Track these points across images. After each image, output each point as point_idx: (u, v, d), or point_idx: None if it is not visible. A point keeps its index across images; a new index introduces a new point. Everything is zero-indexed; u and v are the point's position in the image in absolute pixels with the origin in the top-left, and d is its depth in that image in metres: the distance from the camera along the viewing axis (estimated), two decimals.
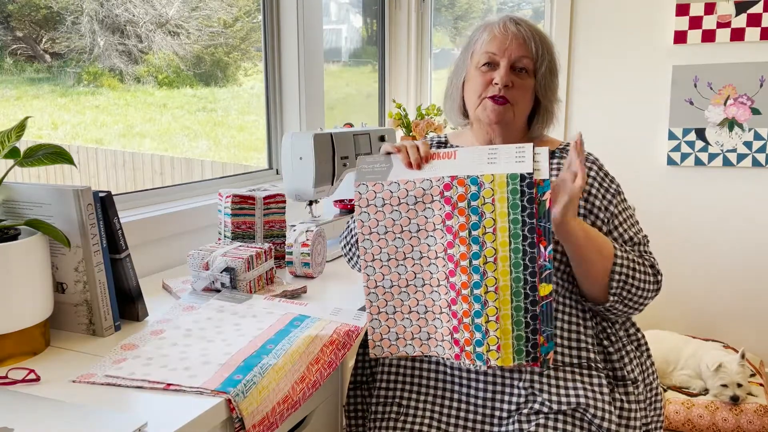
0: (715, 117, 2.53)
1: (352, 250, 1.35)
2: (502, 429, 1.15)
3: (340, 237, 1.40)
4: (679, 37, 2.53)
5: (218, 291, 1.31)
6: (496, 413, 1.17)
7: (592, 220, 1.18)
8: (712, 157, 2.56)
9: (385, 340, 1.11)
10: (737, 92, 2.49)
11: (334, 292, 1.43)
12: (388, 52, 3.06)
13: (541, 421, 1.11)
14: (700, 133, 2.56)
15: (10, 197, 1.08)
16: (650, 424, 1.24)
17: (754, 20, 2.44)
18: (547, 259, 1.03)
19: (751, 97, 2.48)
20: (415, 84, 3.10)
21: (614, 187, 1.23)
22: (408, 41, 3.05)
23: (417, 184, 1.08)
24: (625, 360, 1.19)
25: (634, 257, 1.14)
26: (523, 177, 1.02)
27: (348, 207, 1.96)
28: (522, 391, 1.15)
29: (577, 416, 1.12)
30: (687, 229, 2.66)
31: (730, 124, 2.52)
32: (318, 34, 2.22)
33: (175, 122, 2.13)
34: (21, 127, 1.03)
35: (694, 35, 2.52)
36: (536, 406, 1.13)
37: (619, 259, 1.11)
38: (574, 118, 2.76)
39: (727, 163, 2.54)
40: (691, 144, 2.58)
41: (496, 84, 1.19)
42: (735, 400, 2.14)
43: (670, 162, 2.62)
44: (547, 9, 2.79)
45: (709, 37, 2.50)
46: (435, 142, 1.37)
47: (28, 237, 0.99)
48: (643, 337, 1.28)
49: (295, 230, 1.52)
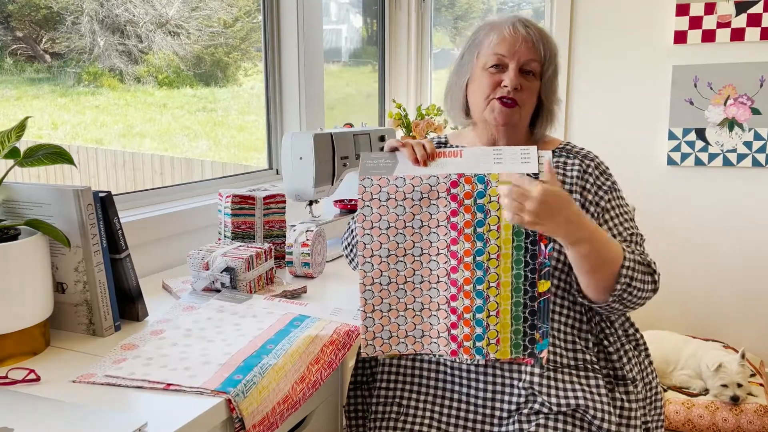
0: (715, 117, 2.53)
1: (353, 251, 1.34)
2: (502, 429, 1.15)
3: (342, 239, 1.40)
4: (679, 37, 2.53)
5: (218, 291, 1.31)
6: (496, 413, 1.17)
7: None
8: (712, 157, 2.56)
9: (378, 339, 1.10)
10: (737, 92, 2.49)
11: (334, 292, 1.43)
12: (388, 52, 3.06)
13: (541, 421, 1.11)
14: (700, 133, 2.56)
15: (10, 197, 1.08)
16: (650, 422, 1.24)
17: (754, 20, 2.44)
18: (547, 257, 1.05)
19: (751, 97, 2.48)
20: (415, 84, 3.10)
21: (609, 183, 1.22)
22: (408, 41, 3.05)
23: (423, 180, 1.08)
24: (624, 360, 1.19)
25: (639, 258, 1.13)
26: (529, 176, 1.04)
27: (348, 207, 1.96)
28: (522, 392, 1.15)
29: (577, 416, 1.12)
30: (687, 229, 2.66)
31: (730, 124, 2.52)
32: (318, 34, 2.22)
33: (175, 122, 2.13)
34: (21, 127, 1.03)
35: (694, 35, 2.52)
36: (536, 407, 1.13)
37: (627, 261, 1.09)
38: (574, 118, 2.76)
39: (727, 163, 2.54)
40: (691, 144, 2.58)
41: (505, 86, 1.19)
42: (735, 400, 2.14)
43: (670, 162, 2.62)
44: (547, 9, 2.79)
45: (709, 37, 2.50)
46: (435, 143, 1.36)
47: (28, 237, 0.99)
48: (642, 337, 1.28)
49: (295, 230, 1.52)
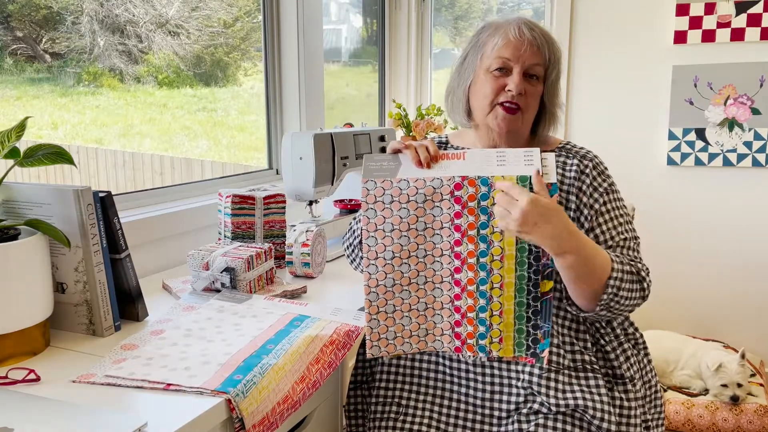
0: (715, 117, 2.53)
1: (355, 252, 1.34)
2: (502, 429, 1.15)
3: (343, 239, 1.39)
4: (679, 37, 2.53)
5: (218, 291, 1.31)
6: (495, 413, 1.17)
7: (577, 216, 1.18)
8: (712, 157, 2.56)
9: (383, 340, 1.11)
10: (737, 92, 2.49)
11: (334, 292, 1.43)
12: (388, 52, 3.05)
13: (541, 421, 1.11)
14: (700, 133, 2.56)
15: (10, 197, 1.08)
16: (650, 421, 1.24)
17: (754, 20, 2.43)
18: (550, 258, 1.05)
19: (751, 97, 2.48)
20: (415, 84, 3.10)
21: (605, 185, 1.20)
22: (408, 41, 3.05)
23: (427, 183, 1.08)
24: (621, 358, 1.19)
25: (627, 268, 1.11)
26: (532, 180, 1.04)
27: (348, 207, 1.96)
28: (521, 391, 1.15)
29: (577, 416, 1.12)
30: (687, 229, 2.66)
31: (730, 124, 2.52)
32: (318, 34, 2.22)
33: (175, 122, 2.13)
34: (21, 127, 1.03)
35: (694, 35, 2.52)
36: (535, 406, 1.13)
37: (615, 272, 1.08)
38: (574, 118, 2.76)
39: (727, 163, 2.54)
40: (691, 144, 2.58)
41: (510, 91, 1.16)
42: (735, 400, 2.14)
43: (670, 162, 2.62)
44: (547, 9, 2.79)
45: (709, 37, 2.50)
46: (435, 143, 1.36)
47: (28, 237, 0.99)
48: (641, 336, 1.28)
49: (295, 230, 1.52)
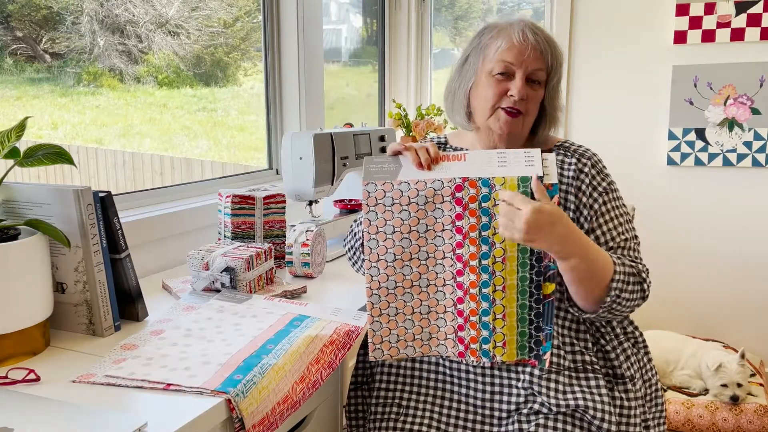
0: (715, 117, 2.53)
1: (356, 254, 1.33)
2: (502, 429, 1.15)
3: (344, 241, 1.39)
4: (679, 37, 2.53)
5: (218, 291, 1.31)
6: (495, 413, 1.17)
7: (576, 216, 1.18)
8: (712, 157, 2.56)
9: (386, 343, 1.10)
10: (737, 92, 2.49)
11: (334, 292, 1.43)
12: (388, 52, 3.06)
13: (541, 421, 1.11)
14: (700, 133, 2.56)
15: (10, 197, 1.08)
16: (650, 420, 1.24)
17: (754, 20, 2.43)
18: (552, 259, 1.05)
19: (751, 97, 2.48)
20: (415, 84, 3.10)
21: (604, 185, 1.19)
22: (408, 41, 3.05)
23: (428, 185, 1.08)
24: (621, 358, 1.19)
25: (628, 270, 1.11)
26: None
27: (348, 207, 1.96)
28: (521, 392, 1.15)
29: (577, 416, 1.12)
30: (687, 229, 2.66)
31: (730, 124, 2.52)
32: (318, 34, 2.22)
33: (175, 122, 2.13)
34: (21, 127, 1.03)
35: (694, 35, 2.52)
36: (536, 407, 1.13)
37: (617, 275, 1.08)
38: (574, 118, 2.76)
39: (727, 163, 2.54)
40: (691, 144, 2.58)
41: (512, 96, 1.16)
42: (735, 400, 2.14)
43: (670, 162, 2.62)
44: (547, 9, 2.79)
45: (709, 37, 2.50)
46: (435, 144, 1.36)
47: (28, 237, 0.99)
48: (641, 335, 1.28)
49: (295, 230, 1.52)
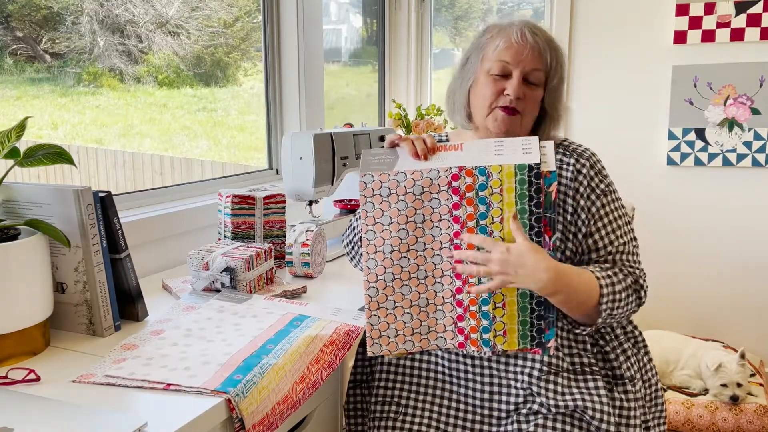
0: (715, 117, 2.53)
1: (355, 249, 1.34)
2: (501, 429, 1.15)
3: (343, 236, 1.40)
4: (679, 37, 2.53)
5: (218, 291, 1.31)
6: (494, 413, 1.17)
7: (574, 219, 1.17)
8: (712, 157, 2.56)
9: (384, 337, 1.09)
10: (737, 92, 2.49)
11: (334, 292, 1.43)
12: (388, 52, 3.06)
13: (540, 421, 1.11)
14: (700, 133, 2.56)
15: (10, 197, 1.08)
16: (650, 420, 1.24)
17: (754, 20, 2.44)
18: (552, 248, 1.05)
19: (751, 97, 2.48)
20: (415, 84, 3.10)
21: (602, 186, 1.18)
22: (408, 41, 3.05)
23: (424, 174, 1.08)
24: (621, 358, 1.19)
25: (621, 286, 1.11)
26: (530, 168, 1.03)
27: (348, 207, 1.96)
28: (520, 392, 1.15)
29: (576, 416, 1.12)
30: (687, 229, 2.66)
31: (730, 124, 2.52)
32: (318, 34, 2.22)
33: (175, 122, 2.13)
34: (21, 127, 1.03)
35: (694, 35, 2.52)
36: (535, 407, 1.13)
37: (605, 297, 1.08)
38: (575, 118, 2.76)
39: (726, 163, 2.54)
40: (691, 144, 2.58)
41: (508, 95, 1.16)
42: (735, 400, 2.14)
43: (670, 162, 2.62)
44: (547, 9, 2.79)
45: (709, 37, 2.50)
46: (436, 141, 1.36)
47: (28, 237, 0.99)
48: (641, 335, 1.28)
49: (295, 230, 1.52)
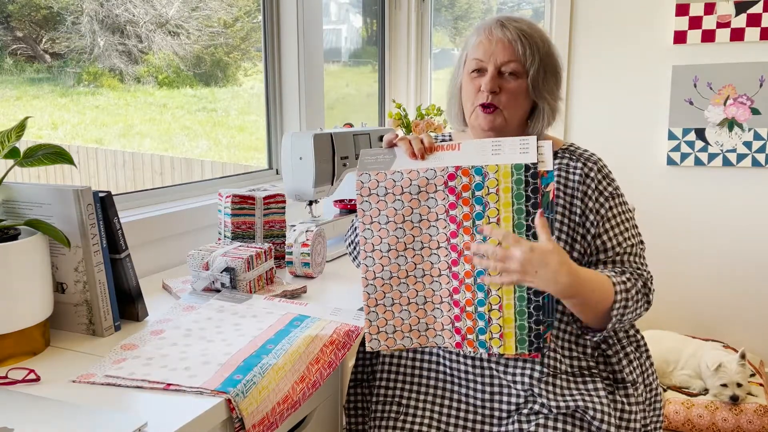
0: (715, 117, 2.53)
1: (356, 249, 1.34)
2: (502, 429, 1.15)
3: (345, 236, 1.40)
4: (679, 37, 2.53)
5: (218, 291, 1.31)
6: (495, 413, 1.17)
7: (582, 221, 1.18)
8: (712, 157, 2.56)
9: (382, 333, 1.10)
10: (737, 92, 2.49)
11: (334, 292, 1.43)
12: (388, 52, 3.06)
13: (541, 421, 1.11)
14: (700, 133, 2.56)
15: (10, 197, 1.08)
16: (650, 424, 1.24)
17: (754, 20, 2.44)
18: None
19: (751, 97, 2.48)
20: (415, 84, 3.10)
21: (610, 190, 1.20)
22: (408, 41, 3.05)
23: (420, 174, 1.08)
24: (624, 362, 1.19)
25: (634, 291, 1.11)
26: (527, 167, 1.03)
27: (348, 207, 1.96)
28: (521, 393, 1.15)
29: (577, 416, 1.12)
30: (687, 229, 2.66)
31: (730, 124, 2.52)
32: (318, 34, 2.22)
33: (175, 122, 2.13)
34: (21, 127, 1.03)
35: (694, 35, 2.52)
36: (536, 407, 1.13)
37: (618, 298, 1.08)
38: (574, 118, 2.76)
39: (726, 163, 2.54)
40: (691, 144, 2.58)
41: (483, 91, 1.17)
42: (735, 400, 2.14)
43: (670, 162, 2.62)
44: (547, 9, 2.79)
45: (709, 37, 2.50)
46: (440, 140, 1.37)
47: (28, 237, 0.99)
48: (643, 338, 1.28)
49: (295, 230, 1.52)
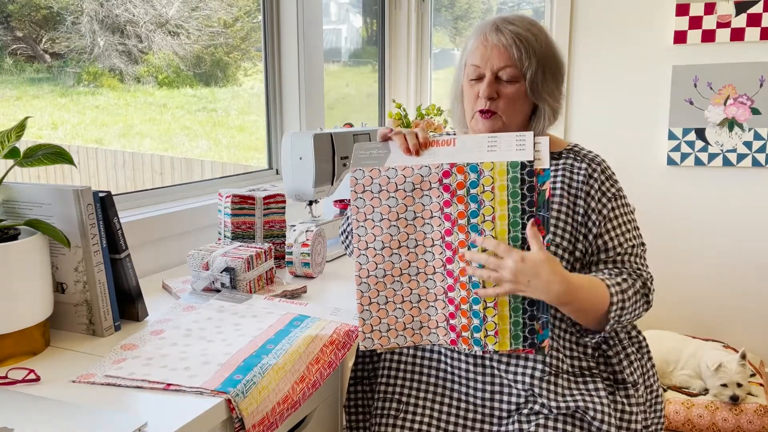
0: (715, 117, 2.53)
1: (349, 238, 1.35)
2: (502, 429, 1.15)
3: (340, 225, 1.41)
4: (679, 37, 2.53)
5: (218, 291, 1.31)
6: (496, 413, 1.17)
7: (585, 221, 1.18)
8: (712, 157, 2.56)
9: (376, 332, 1.09)
10: (737, 92, 2.49)
11: (334, 292, 1.43)
12: (388, 52, 3.06)
13: (541, 422, 1.11)
14: (700, 133, 2.56)
15: (10, 197, 1.08)
16: (650, 426, 1.24)
17: (754, 20, 2.43)
18: (545, 247, 1.02)
19: (751, 97, 2.48)
20: (415, 84, 3.10)
21: (613, 191, 1.20)
22: (408, 41, 3.05)
23: (415, 170, 1.06)
24: (624, 363, 1.19)
25: (631, 292, 1.11)
26: (523, 165, 1.02)
27: (348, 207, 1.96)
28: (521, 392, 1.15)
29: (577, 417, 1.12)
30: (687, 229, 2.66)
31: (730, 124, 2.52)
32: (318, 34, 2.22)
33: (175, 122, 2.13)
34: (21, 127, 1.03)
35: (694, 35, 2.52)
36: (536, 407, 1.13)
37: (615, 305, 1.09)
38: (574, 118, 2.76)
39: (727, 163, 2.54)
40: (691, 144, 2.58)
41: (481, 98, 1.17)
42: (735, 400, 2.14)
43: (670, 162, 2.62)
44: (547, 9, 2.79)
45: (709, 37, 2.50)
46: (424, 129, 1.37)
47: (28, 237, 0.99)
48: (644, 339, 1.28)
49: (295, 230, 1.52)
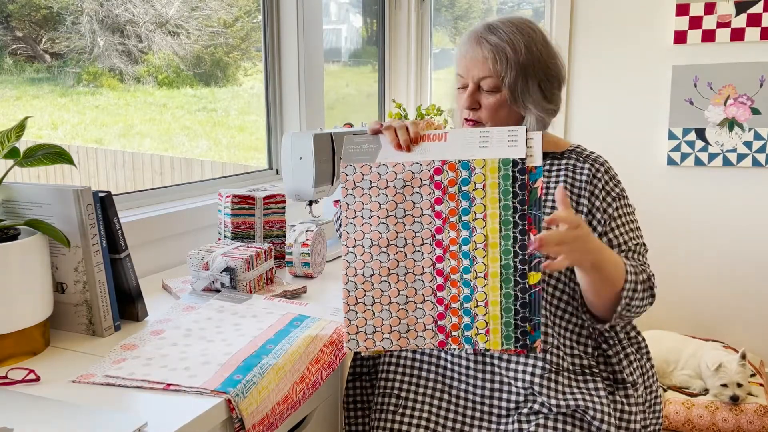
0: (715, 117, 2.53)
1: (342, 226, 1.37)
2: (501, 428, 1.15)
3: (334, 213, 1.41)
4: (679, 37, 2.53)
5: (218, 291, 1.31)
6: (495, 411, 1.17)
7: (589, 219, 1.19)
8: (712, 157, 2.56)
9: (361, 333, 1.06)
10: (737, 92, 2.49)
11: (334, 292, 1.43)
12: (388, 52, 3.06)
13: (541, 421, 1.11)
14: (700, 133, 2.56)
15: (10, 197, 1.08)
16: (649, 426, 1.24)
17: (754, 20, 2.44)
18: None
19: (751, 97, 2.48)
20: (415, 84, 3.10)
21: (617, 191, 1.22)
22: (408, 41, 3.05)
23: (406, 167, 1.05)
24: (624, 363, 1.20)
25: (637, 278, 1.12)
26: (515, 162, 1.00)
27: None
28: (521, 391, 1.15)
29: (577, 416, 1.12)
30: (687, 229, 2.66)
31: (730, 124, 2.52)
32: (318, 34, 2.22)
33: (175, 122, 2.13)
34: (21, 127, 1.03)
35: (694, 35, 2.52)
36: (536, 407, 1.13)
37: (628, 283, 1.09)
38: (574, 118, 2.76)
39: (727, 163, 2.54)
40: (691, 144, 2.58)
41: (463, 108, 1.21)
42: (735, 400, 2.14)
43: (670, 162, 2.62)
44: (547, 9, 2.79)
45: (709, 37, 2.50)
46: (415, 122, 1.38)
47: (28, 237, 0.99)
48: (644, 340, 1.28)
49: (295, 230, 1.52)
